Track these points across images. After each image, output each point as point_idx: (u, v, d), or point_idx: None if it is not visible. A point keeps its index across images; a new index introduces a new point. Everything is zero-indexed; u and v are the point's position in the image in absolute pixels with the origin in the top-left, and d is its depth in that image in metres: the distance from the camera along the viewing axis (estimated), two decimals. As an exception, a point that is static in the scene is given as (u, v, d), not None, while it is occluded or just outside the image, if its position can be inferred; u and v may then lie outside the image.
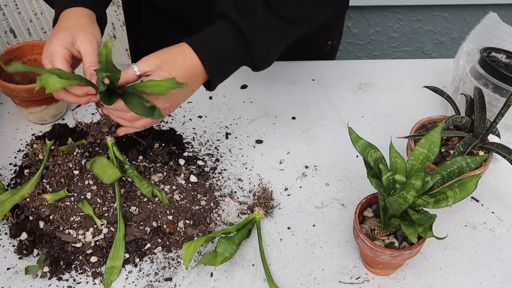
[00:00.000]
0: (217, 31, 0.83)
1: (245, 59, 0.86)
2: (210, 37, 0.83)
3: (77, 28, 0.81)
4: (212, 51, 0.82)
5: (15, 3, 1.75)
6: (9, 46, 1.53)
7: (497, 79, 0.99)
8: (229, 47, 0.83)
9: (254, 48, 0.83)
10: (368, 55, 2.24)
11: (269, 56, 0.87)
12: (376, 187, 0.73)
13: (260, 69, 0.88)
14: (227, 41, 0.83)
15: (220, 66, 0.84)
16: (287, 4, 0.84)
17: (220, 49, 0.83)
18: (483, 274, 0.85)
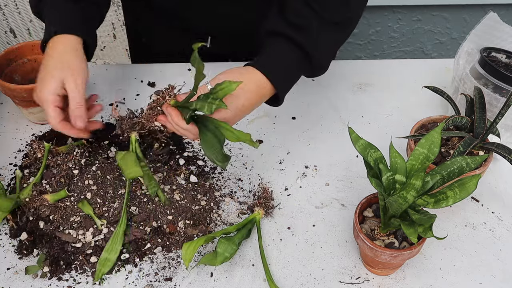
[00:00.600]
0: (277, 50, 0.86)
1: (306, 70, 0.89)
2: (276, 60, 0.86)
3: (63, 69, 0.83)
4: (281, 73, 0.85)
5: (15, 3, 1.75)
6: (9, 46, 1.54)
7: (497, 79, 0.99)
8: (294, 64, 0.86)
9: (316, 59, 0.86)
10: (368, 55, 2.24)
11: (328, 62, 0.91)
12: (376, 187, 0.73)
13: (316, 76, 0.91)
14: (292, 60, 0.86)
15: (286, 81, 0.87)
16: (334, 9, 0.86)
17: (288, 69, 0.86)
18: (483, 274, 0.85)
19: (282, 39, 0.85)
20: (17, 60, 1.08)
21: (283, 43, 0.85)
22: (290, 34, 0.84)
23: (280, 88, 0.85)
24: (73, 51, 0.85)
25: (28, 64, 1.09)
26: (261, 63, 0.84)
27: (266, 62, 0.85)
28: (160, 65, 1.23)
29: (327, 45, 0.89)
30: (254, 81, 0.83)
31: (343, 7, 0.87)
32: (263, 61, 0.85)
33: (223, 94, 0.78)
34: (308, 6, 0.85)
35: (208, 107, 0.77)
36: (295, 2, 0.86)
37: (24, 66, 1.08)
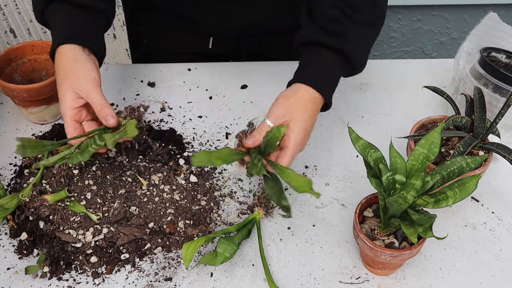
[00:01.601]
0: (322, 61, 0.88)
1: (345, 71, 0.91)
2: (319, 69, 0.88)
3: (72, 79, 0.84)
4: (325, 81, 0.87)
5: (15, 3, 1.75)
6: (9, 46, 1.54)
7: (497, 79, 0.99)
8: (336, 69, 0.89)
9: (353, 60, 0.88)
10: (368, 55, 2.24)
11: (365, 60, 0.92)
12: (376, 187, 0.73)
13: (356, 74, 0.93)
14: (334, 66, 0.88)
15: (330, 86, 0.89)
16: (365, 10, 0.88)
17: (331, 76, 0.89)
18: (483, 274, 0.85)
19: (322, 48, 0.87)
20: (17, 60, 1.08)
21: (323, 52, 0.87)
22: (328, 42, 0.86)
23: (329, 98, 0.87)
24: (79, 61, 0.86)
25: (28, 64, 1.09)
26: (307, 77, 0.86)
27: (311, 75, 0.87)
28: (160, 65, 1.23)
29: (363, 45, 0.91)
30: (309, 99, 0.85)
31: (372, 7, 0.89)
32: (308, 75, 0.87)
33: (274, 142, 0.80)
34: (340, 10, 0.87)
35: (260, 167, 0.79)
36: (326, 8, 0.88)
37: (24, 66, 1.08)
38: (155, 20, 1.18)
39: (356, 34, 0.88)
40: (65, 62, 0.86)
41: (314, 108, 0.85)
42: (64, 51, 0.87)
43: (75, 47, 0.87)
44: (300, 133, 0.82)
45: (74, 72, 0.85)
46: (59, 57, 0.87)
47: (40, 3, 0.90)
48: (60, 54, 0.87)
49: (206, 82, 1.19)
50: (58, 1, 0.89)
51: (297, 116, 0.82)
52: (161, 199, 0.92)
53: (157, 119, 1.09)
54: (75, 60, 0.86)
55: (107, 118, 0.84)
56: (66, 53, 0.86)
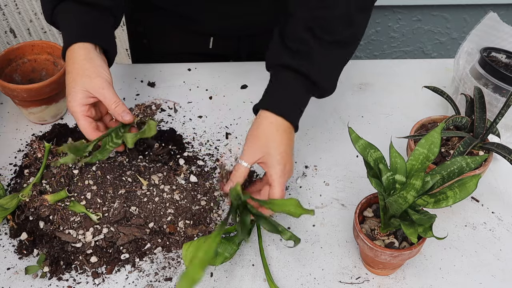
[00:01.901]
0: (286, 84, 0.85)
1: (313, 93, 0.88)
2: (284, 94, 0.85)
3: (84, 77, 0.83)
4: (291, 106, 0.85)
5: (15, 3, 1.75)
6: (9, 46, 1.54)
7: (497, 79, 0.99)
8: (301, 93, 0.85)
9: (320, 82, 0.85)
10: (368, 55, 2.24)
11: (335, 82, 0.89)
12: (376, 187, 0.73)
13: (326, 96, 0.90)
14: (298, 88, 0.85)
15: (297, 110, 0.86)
16: (337, 30, 0.85)
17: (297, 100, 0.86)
18: (483, 274, 0.85)
19: (285, 70, 0.85)
20: (17, 60, 1.07)
21: (287, 74, 0.84)
22: (291, 64, 0.83)
23: (295, 121, 0.85)
24: (90, 59, 0.85)
25: (28, 64, 1.09)
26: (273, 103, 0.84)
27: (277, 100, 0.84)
28: (160, 65, 1.23)
29: (331, 67, 0.88)
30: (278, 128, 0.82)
31: (346, 26, 0.85)
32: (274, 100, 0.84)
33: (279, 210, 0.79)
34: (309, 31, 0.83)
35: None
36: (296, 27, 0.84)
37: (24, 66, 1.08)
38: (155, 20, 1.18)
39: (324, 56, 0.85)
40: (76, 60, 0.85)
41: (286, 137, 0.83)
42: (75, 49, 0.85)
43: (86, 45, 0.86)
44: (279, 166, 0.80)
45: (86, 70, 0.83)
46: (70, 55, 0.86)
47: (49, 3, 0.89)
48: (72, 53, 0.86)
49: (206, 82, 1.19)
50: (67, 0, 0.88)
51: (272, 152, 0.81)
52: (161, 199, 0.92)
53: (157, 119, 1.09)
54: (86, 58, 0.85)
55: (123, 115, 0.83)
56: (78, 51, 0.85)
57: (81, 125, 0.84)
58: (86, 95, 0.83)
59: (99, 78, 0.83)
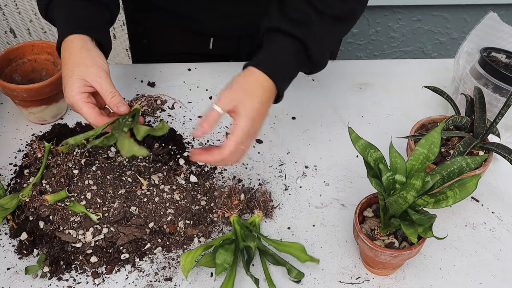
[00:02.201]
0: (276, 46, 0.85)
1: (305, 65, 0.87)
2: (275, 56, 0.84)
3: (81, 66, 0.82)
4: (280, 70, 0.83)
5: (15, 3, 1.75)
6: (9, 46, 1.54)
7: (497, 79, 0.99)
8: (293, 60, 0.85)
9: (313, 53, 0.85)
10: (368, 55, 2.24)
11: (327, 57, 0.89)
12: (376, 187, 0.73)
13: (315, 72, 0.90)
14: (288, 53, 0.84)
15: (288, 80, 0.86)
16: (336, 4, 0.85)
17: (287, 65, 0.85)
18: (483, 274, 0.85)
19: (281, 35, 0.84)
20: (17, 60, 1.07)
21: (282, 38, 0.84)
22: (289, 29, 0.83)
23: (281, 87, 0.84)
24: (87, 49, 0.84)
25: (28, 64, 1.09)
26: (262, 61, 0.83)
27: (267, 60, 0.84)
28: (160, 65, 1.23)
29: (327, 40, 0.87)
30: (262, 86, 0.81)
31: (343, 1, 0.86)
32: (264, 59, 0.84)
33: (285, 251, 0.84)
34: (310, 4, 0.84)
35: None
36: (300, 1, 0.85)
37: (24, 66, 1.08)
38: (155, 20, 1.18)
39: (321, 27, 0.85)
40: (72, 50, 0.83)
41: (266, 96, 0.81)
42: (71, 40, 0.85)
43: (82, 37, 0.85)
44: (247, 120, 0.78)
45: (83, 59, 0.82)
46: (66, 47, 0.85)
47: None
48: (67, 44, 0.85)
49: (206, 82, 1.19)
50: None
51: (247, 103, 0.78)
52: (161, 199, 0.92)
53: (157, 119, 1.09)
54: (83, 48, 0.84)
55: (118, 106, 0.82)
56: (74, 42, 0.84)
57: (84, 112, 0.81)
58: (83, 84, 0.81)
59: (96, 67, 0.82)
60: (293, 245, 0.84)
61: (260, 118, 0.81)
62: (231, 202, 0.90)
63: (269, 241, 0.85)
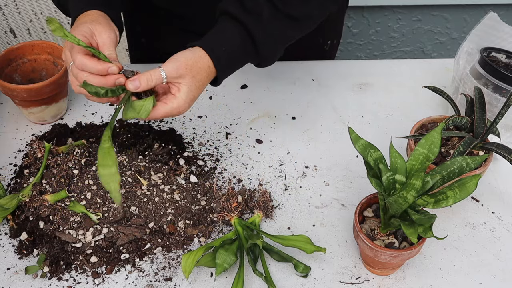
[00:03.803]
0: (225, 30, 0.85)
1: (251, 57, 0.87)
2: (219, 38, 0.84)
3: (94, 22, 0.81)
4: (222, 51, 0.83)
5: (15, 3, 1.75)
6: (9, 46, 1.53)
7: (497, 79, 0.99)
8: (237, 45, 0.84)
9: (260, 45, 0.85)
10: (368, 55, 2.24)
11: (275, 53, 0.89)
12: (376, 187, 0.73)
13: (264, 66, 0.90)
14: (236, 40, 0.84)
15: (229, 65, 0.86)
16: (294, 4, 0.85)
17: (230, 49, 0.84)
18: (483, 274, 0.85)
19: (231, 20, 0.84)
20: (17, 60, 1.07)
21: (231, 24, 0.84)
22: (239, 16, 0.83)
23: (221, 72, 0.84)
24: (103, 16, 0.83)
25: (28, 64, 1.09)
26: (208, 44, 0.83)
27: (213, 43, 0.84)
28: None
29: (276, 36, 0.87)
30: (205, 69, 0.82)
31: (302, 3, 0.86)
32: (210, 41, 0.84)
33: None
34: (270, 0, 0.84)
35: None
36: None
37: (24, 66, 1.08)
38: (155, 20, 1.18)
39: (271, 21, 0.84)
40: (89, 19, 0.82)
41: (207, 81, 0.83)
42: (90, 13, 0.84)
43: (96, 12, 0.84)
44: (185, 99, 0.80)
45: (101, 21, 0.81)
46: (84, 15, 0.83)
47: None
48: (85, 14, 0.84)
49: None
50: None
51: (190, 82, 0.79)
52: (161, 199, 0.92)
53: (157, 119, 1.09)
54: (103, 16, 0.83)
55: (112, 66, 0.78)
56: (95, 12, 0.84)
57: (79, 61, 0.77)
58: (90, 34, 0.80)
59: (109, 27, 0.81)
60: (298, 237, 0.85)
61: (193, 98, 0.82)
62: (230, 205, 0.90)
63: (274, 237, 0.85)
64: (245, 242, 0.84)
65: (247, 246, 0.83)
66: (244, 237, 0.85)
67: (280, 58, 1.26)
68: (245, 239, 0.84)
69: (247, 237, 0.84)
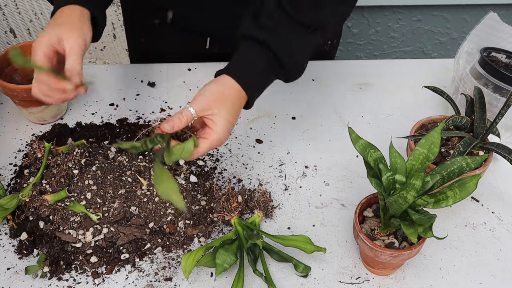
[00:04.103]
0: (249, 55, 0.85)
1: (279, 74, 0.88)
2: (245, 64, 0.85)
3: (65, 26, 0.82)
4: (250, 77, 0.84)
5: (15, 3, 1.75)
6: (9, 46, 1.54)
7: (497, 79, 0.99)
8: (263, 67, 0.85)
9: (286, 61, 0.85)
10: (368, 55, 2.24)
11: (300, 65, 0.89)
12: (376, 187, 0.73)
13: (292, 80, 0.90)
14: (261, 62, 0.85)
15: (259, 89, 0.87)
16: (307, 12, 0.85)
17: (257, 73, 0.85)
18: (483, 274, 0.85)
19: (252, 42, 0.85)
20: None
21: (253, 45, 0.85)
22: (258, 36, 0.84)
23: (251, 93, 0.85)
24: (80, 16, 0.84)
25: (28, 64, 1.09)
26: (234, 70, 0.84)
27: (239, 68, 0.85)
28: (160, 65, 1.23)
29: (298, 47, 0.87)
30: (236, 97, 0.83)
31: (315, 11, 0.86)
32: (236, 67, 0.85)
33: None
34: (280, 8, 0.84)
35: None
36: (269, 4, 0.85)
37: (24, 66, 1.08)
38: (154, 20, 1.18)
39: (290, 33, 0.85)
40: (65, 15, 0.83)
41: (239, 106, 0.83)
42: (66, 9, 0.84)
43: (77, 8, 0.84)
44: (223, 130, 0.80)
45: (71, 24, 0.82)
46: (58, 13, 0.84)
47: None
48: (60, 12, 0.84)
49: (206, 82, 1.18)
50: None
51: (223, 113, 0.80)
52: (161, 199, 0.92)
53: (157, 119, 1.09)
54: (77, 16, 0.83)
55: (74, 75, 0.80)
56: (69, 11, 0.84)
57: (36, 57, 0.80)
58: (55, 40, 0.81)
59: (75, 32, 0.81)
60: (298, 237, 0.85)
61: (231, 126, 0.83)
62: (230, 205, 0.90)
63: (274, 237, 0.85)
64: (245, 242, 0.84)
65: (247, 246, 0.83)
66: (244, 237, 0.85)
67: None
68: (245, 239, 0.84)
69: (247, 237, 0.84)
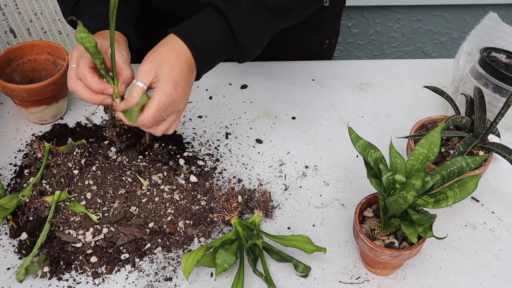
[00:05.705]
0: (203, 20, 0.84)
1: (231, 49, 0.86)
2: (197, 27, 0.83)
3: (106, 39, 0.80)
4: (200, 42, 0.82)
5: (15, 3, 1.75)
6: (9, 46, 1.54)
7: (497, 79, 0.99)
8: (216, 36, 0.83)
9: (239, 37, 0.83)
10: (368, 55, 2.24)
11: (254, 46, 0.87)
12: (376, 187, 0.73)
13: (244, 60, 0.88)
14: (214, 30, 0.83)
15: (209, 57, 0.84)
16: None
17: (208, 39, 0.83)
18: (483, 274, 0.85)
19: (211, 9, 0.83)
20: (17, 60, 1.07)
21: (210, 13, 0.83)
22: (218, 4, 0.82)
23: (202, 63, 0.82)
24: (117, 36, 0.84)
25: (28, 64, 1.09)
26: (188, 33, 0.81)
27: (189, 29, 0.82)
28: (160, 65, 1.23)
29: (255, 27, 0.86)
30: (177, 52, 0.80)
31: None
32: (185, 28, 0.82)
33: (291, 245, 0.84)
34: None
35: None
36: None
37: (24, 66, 1.08)
38: (150, 19, 1.18)
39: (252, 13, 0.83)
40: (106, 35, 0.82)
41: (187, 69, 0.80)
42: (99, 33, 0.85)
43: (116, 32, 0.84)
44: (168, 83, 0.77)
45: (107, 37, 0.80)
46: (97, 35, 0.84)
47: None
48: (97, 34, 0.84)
49: (206, 82, 1.19)
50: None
51: (165, 68, 0.78)
52: (161, 199, 0.92)
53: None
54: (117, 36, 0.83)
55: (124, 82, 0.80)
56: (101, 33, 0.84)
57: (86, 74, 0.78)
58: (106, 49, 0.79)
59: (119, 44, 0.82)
60: (298, 237, 0.85)
61: (183, 84, 0.79)
62: (230, 205, 0.90)
63: (274, 237, 0.85)
64: (245, 242, 0.84)
65: (247, 246, 0.83)
66: (244, 237, 0.85)
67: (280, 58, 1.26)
68: (245, 239, 0.84)
69: (247, 237, 0.84)
